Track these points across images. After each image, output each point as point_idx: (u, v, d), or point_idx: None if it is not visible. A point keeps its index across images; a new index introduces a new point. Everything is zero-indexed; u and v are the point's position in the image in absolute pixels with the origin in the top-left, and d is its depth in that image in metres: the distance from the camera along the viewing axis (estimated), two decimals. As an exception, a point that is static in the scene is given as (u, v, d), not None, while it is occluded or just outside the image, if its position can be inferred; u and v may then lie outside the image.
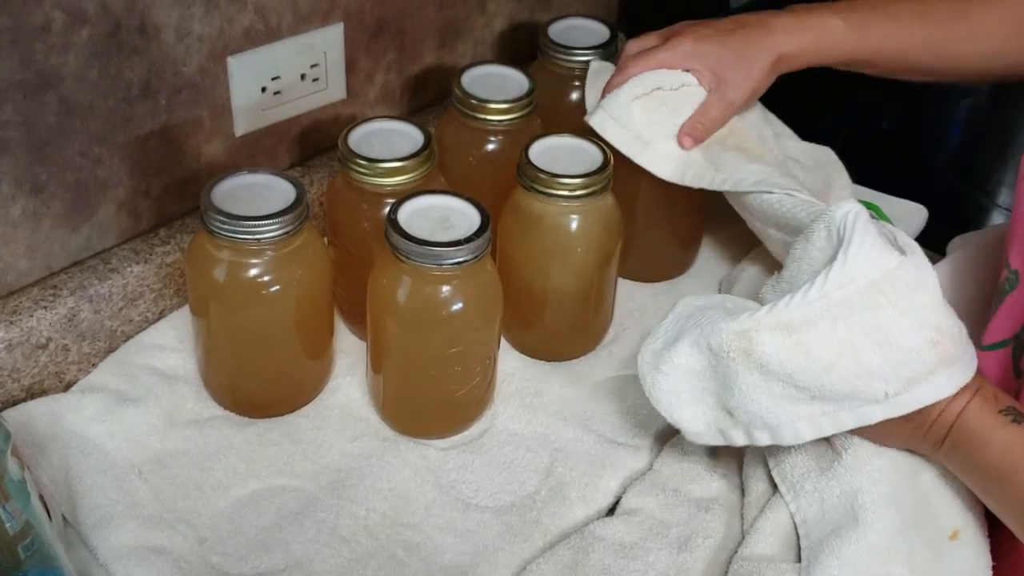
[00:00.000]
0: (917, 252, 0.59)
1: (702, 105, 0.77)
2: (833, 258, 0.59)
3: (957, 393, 0.58)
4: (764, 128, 0.83)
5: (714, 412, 0.62)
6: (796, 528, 0.63)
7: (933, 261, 0.81)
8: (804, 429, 0.60)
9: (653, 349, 0.64)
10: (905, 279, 0.58)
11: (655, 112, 0.77)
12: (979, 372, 0.60)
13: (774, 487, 0.66)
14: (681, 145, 0.77)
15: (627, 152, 0.77)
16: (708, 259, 0.90)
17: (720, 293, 0.86)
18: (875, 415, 0.59)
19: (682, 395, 0.63)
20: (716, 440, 0.63)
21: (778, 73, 0.79)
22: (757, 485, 0.67)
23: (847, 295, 0.57)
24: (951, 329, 0.58)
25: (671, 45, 0.78)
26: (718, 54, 0.77)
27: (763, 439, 0.61)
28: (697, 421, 0.63)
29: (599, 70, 0.83)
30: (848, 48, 0.78)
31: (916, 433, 0.60)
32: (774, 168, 0.77)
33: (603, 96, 0.79)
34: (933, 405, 0.58)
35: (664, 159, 0.77)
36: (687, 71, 0.78)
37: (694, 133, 0.77)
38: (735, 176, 0.76)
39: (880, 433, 0.61)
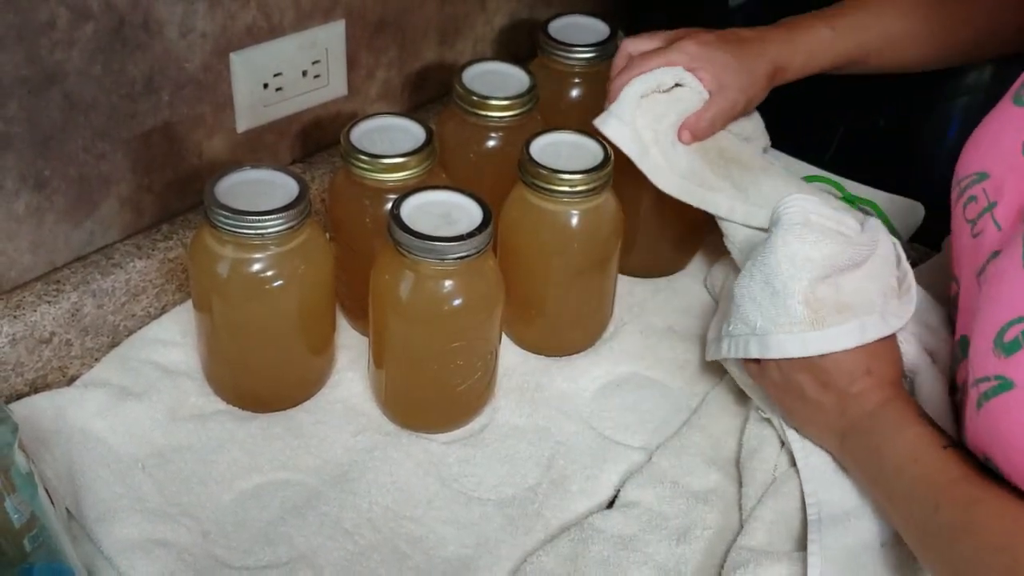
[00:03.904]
0: (869, 231, 0.67)
1: (706, 104, 0.78)
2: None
3: (885, 383, 0.63)
4: (756, 141, 0.84)
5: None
6: (802, 510, 0.64)
7: (928, 257, 0.83)
8: (724, 346, 0.69)
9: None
10: (804, 240, 0.64)
11: (649, 115, 0.78)
12: (900, 382, 0.64)
13: (772, 477, 0.67)
14: (680, 139, 0.78)
15: (631, 156, 0.77)
16: (708, 254, 0.90)
17: (706, 288, 0.88)
18: (752, 348, 0.66)
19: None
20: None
21: (775, 84, 0.80)
22: (755, 476, 0.68)
23: (766, 235, 0.67)
24: (832, 297, 0.64)
25: (676, 47, 0.78)
26: (722, 60, 0.78)
27: (711, 351, 0.73)
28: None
29: None
30: (839, 52, 0.80)
31: (835, 406, 0.63)
32: (746, 194, 0.79)
33: (609, 97, 0.79)
34: (853, 377, 0.63)
35: (655, 165, 0.78)
36: (689, 71, 0.78)
37: (695, 130, 0.78)
38: (712, 199, 0.78)
39: (801, 405, 0.65)
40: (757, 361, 0.67)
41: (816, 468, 0.65)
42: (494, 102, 0.79)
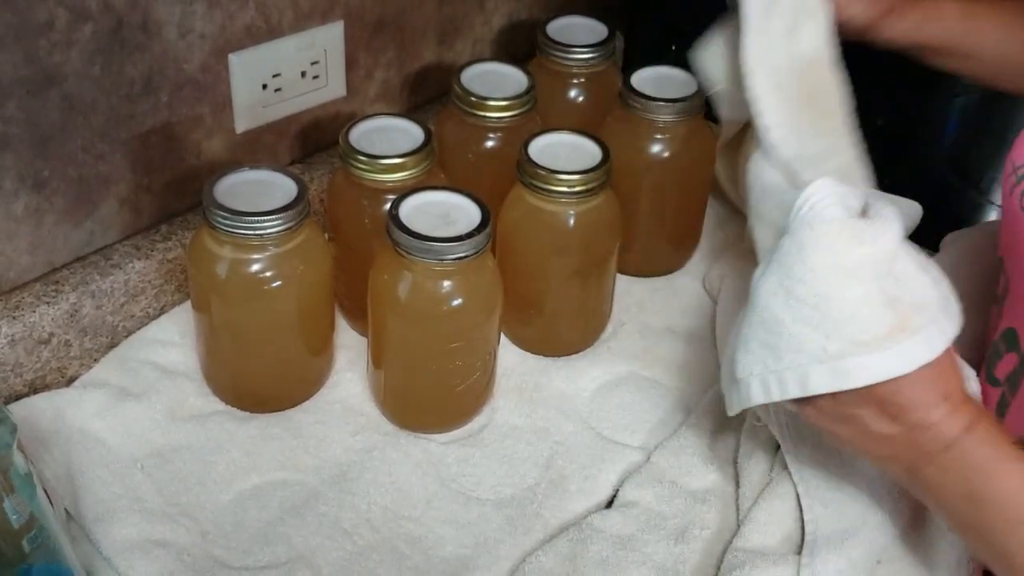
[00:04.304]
0: (886, 216, 0.55)
1: None
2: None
3: (960, 405, 0.53)
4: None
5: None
6: (800, 521, 0.64)
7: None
8: (755, 388, 0.56)
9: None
10: (864, 235, 0.53)
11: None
12: (971, 398, 0.55)
13: (768, 478, 0.67)
14: None
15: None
16: (706, 253, 0.91)
17: (705, 289, 0.87)
18: (819, 379, 0.53)
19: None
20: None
21: (882, 29, 0.74)
22: (751, 476, 0.68)
23: (786, 242, 0.54)
24: (915, 295, 0.53)
25: None
26: None
27: (732, 399, 0.59)
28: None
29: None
30: (953, 33, 0.74)
31: (905, 438, 0.53)
32: (806, 137, 0.72)
33: None
34: (929, 404, 0.53)
35: (763, 36, 0.71)
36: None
37: None
38: (775, 113, 0.71)
39: (860, 439, 0.55)
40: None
41: (810, 483, 0.65)
42: (493, 102, 0.79)
